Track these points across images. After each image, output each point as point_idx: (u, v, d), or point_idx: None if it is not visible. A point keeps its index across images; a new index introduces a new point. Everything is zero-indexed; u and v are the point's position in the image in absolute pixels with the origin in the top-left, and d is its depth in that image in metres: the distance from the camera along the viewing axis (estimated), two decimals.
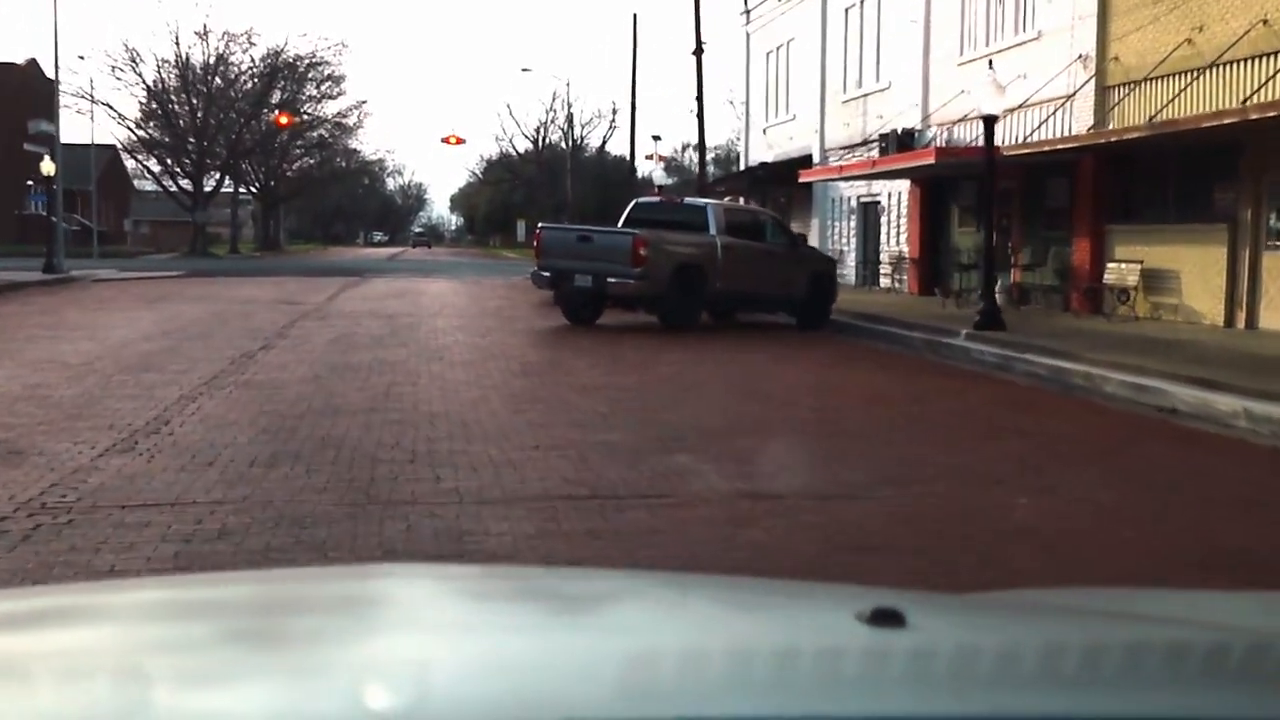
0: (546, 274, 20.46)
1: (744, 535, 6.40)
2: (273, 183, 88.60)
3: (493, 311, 23.92)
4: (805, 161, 35.84)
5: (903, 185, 29.30)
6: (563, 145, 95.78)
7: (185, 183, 68.80)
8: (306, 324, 19.53)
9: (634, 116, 59.83)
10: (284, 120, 52.71)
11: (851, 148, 32.14)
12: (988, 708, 1.15)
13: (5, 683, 1.22)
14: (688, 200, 21.57)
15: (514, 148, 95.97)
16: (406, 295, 28.63)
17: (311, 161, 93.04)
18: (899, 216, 30.00)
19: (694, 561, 5.78)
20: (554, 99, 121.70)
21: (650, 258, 18.88)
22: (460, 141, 56.36)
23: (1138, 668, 1.38)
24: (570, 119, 65.82)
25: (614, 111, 79.44)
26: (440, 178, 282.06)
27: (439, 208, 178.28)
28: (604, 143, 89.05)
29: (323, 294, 28.37)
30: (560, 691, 1.15)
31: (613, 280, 19.08)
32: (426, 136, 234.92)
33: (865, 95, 31.50)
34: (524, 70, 65.26)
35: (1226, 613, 1.85)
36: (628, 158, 62.53)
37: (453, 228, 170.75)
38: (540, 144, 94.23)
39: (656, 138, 64.30)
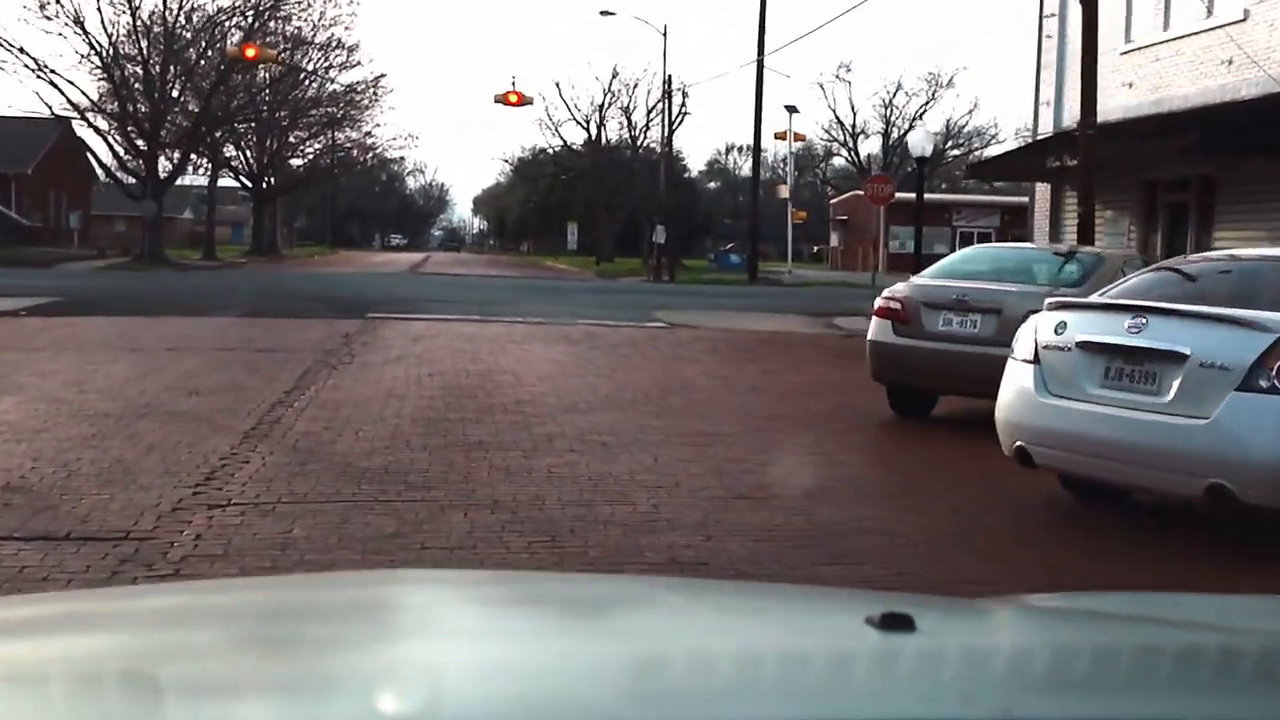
0: None
1: None
2: (269, 171, 70.25)
3: None
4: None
5: None
6: (624, 134, 77.39)
7: (137, 162, 50.25)
8: None
9: (761, 54, 41.05)
10: (250, 53, 33.92)
11: None
12: (997, 712, 1.13)
13: (19, 688, 1.19)
14: None
15: (560, 137, 77.69)
16: (511, 465, 9.58)
17: (317, 146, 74.76)
18: None
19: None
20: (614, 76, 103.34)
21: None
22: (521, 100, 37.63)
23: (1148, 671, 1.37)
24: (668, 82, 46.73)
25: (684, 95, 60.68)
26: (462, 178, 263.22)
27: (460, 210, 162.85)
28: (672, 133, 69.18)
29: (208, 443, 9.44)
30: (571, 696, 1.14)
31: None
32: (449, 127, 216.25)
33: None
34: (603, 14, 46.18)
35: (1238, 616, 1.82)
36: (752, 129, 43.74)
37: (474, 231, 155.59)
38: (599, 129, 75.66)
39: (792, 109, 45.37)
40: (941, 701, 1.15)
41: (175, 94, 50.55)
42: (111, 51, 47.74)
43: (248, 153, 68.72)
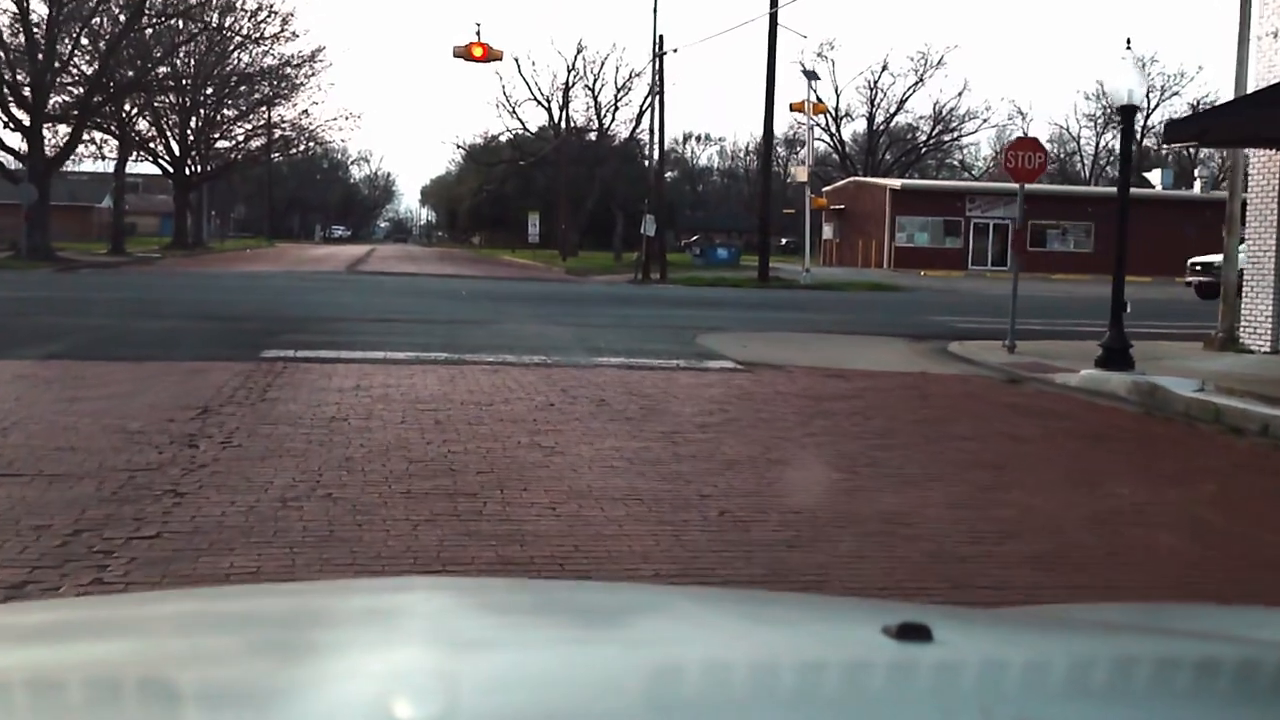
0: None
1: None
2: (193, 154, 61.94)
3: None
4: None
5: None
6: (590, 114, 69.40)
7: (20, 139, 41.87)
8: None
9: (775, 4, 33.41)
10: None
11: None
12: None
13: (35, 695, 1.18)
14: None
15: (519, 118, 69.71)
16: None
17: (247, 127, 66.41)
18: None
19: None
20: (578, 53, 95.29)
21: None
22: (488, 55, 29.63)
23: (1167, 683, 1.34)
24: (659, 42, 38.44)
25: (658, 70, 50.50)
26: (409, 168, 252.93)
27: (408, 200, 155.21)
28: (662, 104, 59.56)
29: None
30: (584, 705, 1.14)
31: None
32: (395, 109, 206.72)
33: None
34: None
35: (1257, 628, 1.78)
36: (764, 97, 36.02)
37: (422, 223, 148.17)
38: (563, 110, 67.61)
39: (811, 74, 37.80)
40: (959, 712, 1.14)
41: (66, 57, 42.13)
42: None
43: (168, 133, 60.36)
